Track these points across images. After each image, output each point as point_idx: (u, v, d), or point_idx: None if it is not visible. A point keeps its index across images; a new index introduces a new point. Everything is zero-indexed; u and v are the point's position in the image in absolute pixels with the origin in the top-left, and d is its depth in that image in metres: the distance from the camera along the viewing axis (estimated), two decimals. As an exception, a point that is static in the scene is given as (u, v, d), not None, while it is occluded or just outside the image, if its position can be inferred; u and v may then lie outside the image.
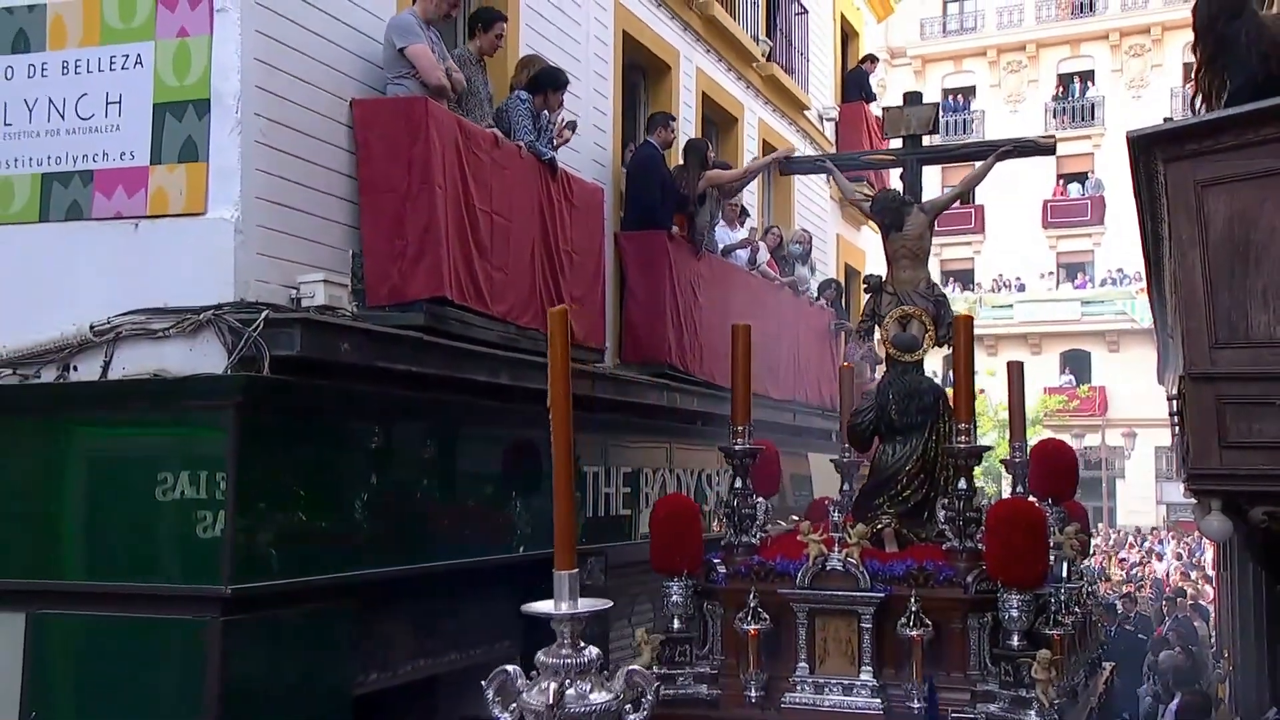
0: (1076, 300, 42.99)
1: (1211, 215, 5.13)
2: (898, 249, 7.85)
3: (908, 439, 7.20)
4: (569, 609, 2.47)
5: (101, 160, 6.36)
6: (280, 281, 6.27)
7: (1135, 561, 27.58)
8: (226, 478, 5.89)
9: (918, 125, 8.55)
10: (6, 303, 6.42)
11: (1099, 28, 44.54)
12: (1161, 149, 5.45)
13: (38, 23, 6.54)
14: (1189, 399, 5.33)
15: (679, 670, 6.40)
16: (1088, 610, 8.08)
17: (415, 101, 6.81)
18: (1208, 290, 5.10)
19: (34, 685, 6.19)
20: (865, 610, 6.11)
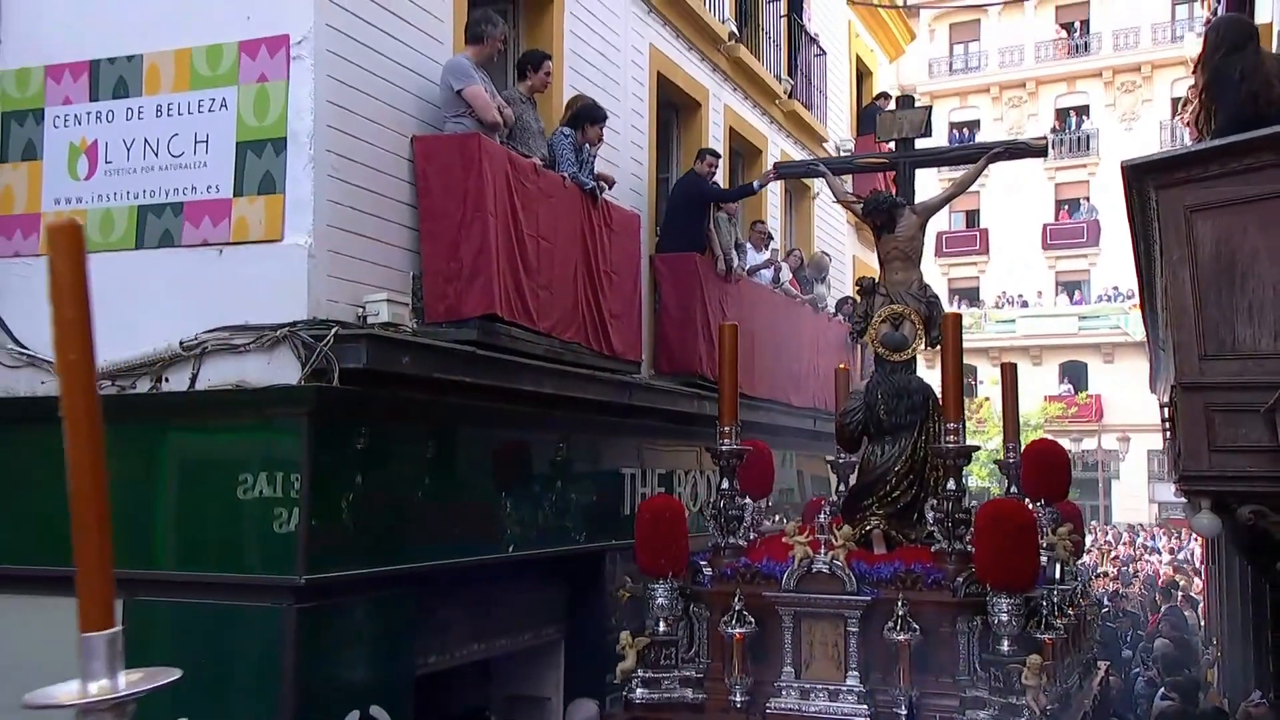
0: (1074, 315, 42.69)
1: (1200, 238, 5.10)
2: (890, 250, 7.36)
3: (896, 439, 6.60)
4: (101, 691, 1.38)
5: (190, 193, 6.42)
6: (348, 301, 6.30)
7: (1128, 557, 27.21)
8: (300, 478, 5.93)
9: (910, 129, 8.03)
10: (106, 322, 6.35)
11: (1093, 66, 44.29)
12: (1154, 177, 5.42)
13: (135, 71, 6.62)
14: (1180, 406, 5.30)
15: (664, 674, 5.91)
16: (1082, 610, 7.42)
17: (470, 138, 6.85)
18: (1197, 306, 5.06)
19: (129, 664, 6.28)
20: (851, 614, 5.57)
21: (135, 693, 1.41)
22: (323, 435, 6.03)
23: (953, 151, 9.11)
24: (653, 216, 9.90)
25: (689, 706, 5.80)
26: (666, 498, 6.39)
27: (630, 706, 5.82)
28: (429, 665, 6.87)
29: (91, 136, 6.71)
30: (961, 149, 8.97)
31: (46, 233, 1.39)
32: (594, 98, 8.44)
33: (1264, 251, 4.93)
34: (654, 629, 6.05)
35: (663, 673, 5.88)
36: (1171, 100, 39.29)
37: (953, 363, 6.10)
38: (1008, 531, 5.33)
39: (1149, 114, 42.56)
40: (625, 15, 9.72)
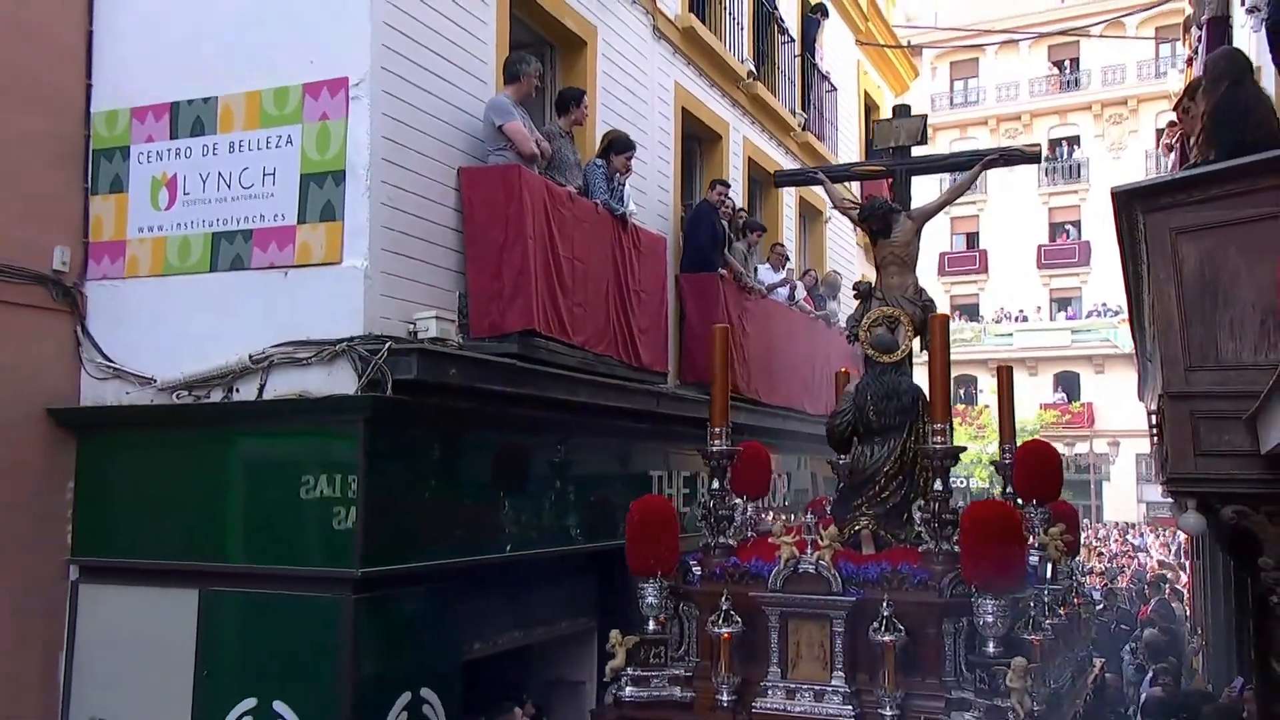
0: (1067, 330, 42.48)
1: (1185, 258, 5.07)
2: (886, 255, 7.00)
3: (886, 440, 6.15)
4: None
5: (259, 221, 6.47)
6: (400, 318, 6.32)
7: (1116, 553, 26.88)
8: (357, 479, 5.96)
9: (906, 137, 7.66)
10: (184, 337, 6.56)
11: (1083, 100, 44.14)
12: (1141, 202, 5.39)
13: (211, 112, 6.69)
14: (1167, 414, 5.25)
15: (654, 672, 5.51)
16: (1075, 609, 6.99)
17: (511, 169, 6.87)
18: (1183, 322, 5.03)
19: (204, 648, 6.30)
20: (837, 614, 5.17)
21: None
22: (377, 440, 6.05)
23: (949, 158, 8.57)
24: (678, 239, 9.90)
25: (678, 705, 5.42)
26: (656, 498, 5.93)
27: (620, 704, 5.47)
28: (474, 652, 6.87)
29: (171, 171, 6.79)
30: (958, 156, 8.57)
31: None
32: (624, 131, 8.46)
33: (1244, 271, 4.89)
34: (644, 627, 5.69)
35: (652, 671, 5.53)
36: (1156, 131, 38.98)
37: (940, 364, 5.65)
38: (992, 532, 4.97)
39: (1135, 144, 42.39)
40: (652, 56, 9.75)
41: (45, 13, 6.86)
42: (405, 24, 6.53)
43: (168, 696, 6.33)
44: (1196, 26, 13.35)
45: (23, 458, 6.55)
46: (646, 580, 5.57)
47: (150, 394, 6.65)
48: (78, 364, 6.88)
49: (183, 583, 6.38)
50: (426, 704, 6.37)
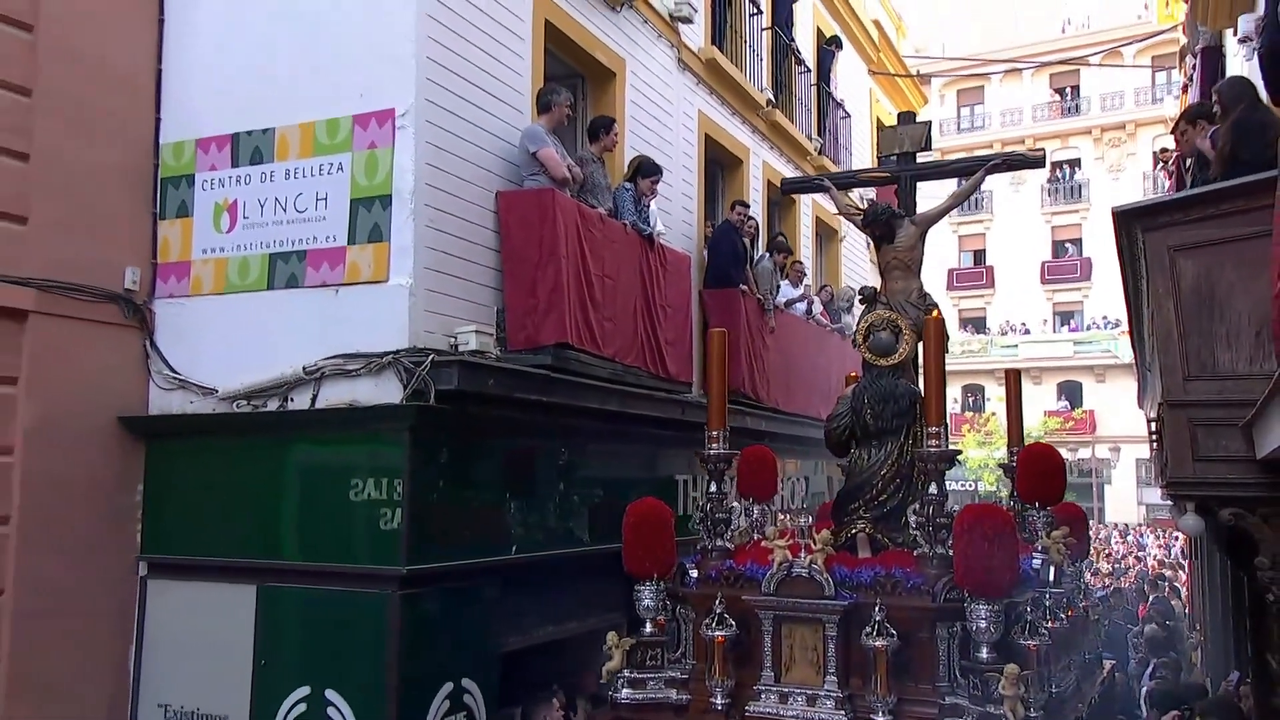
0: (1070, 341, 42.11)
1: (1182, 273, 5.01)
2: (890, 261, 6.64)
3: (883, 443, 5.76)
4: None
5: (312, 242, 6.51)
6: (442, 332, 6.33)
7: (1124, 554, 26.51)
8: (402, 483, 5.98)
9: (910, 143, 7.28)
10: (243, 351, 6.60)
11: (1084, 124, 43.82)
12: (1141, 221, 5.33)
13: (269, 142, 6.74)
14: (1167, 421, 5.19)
15: (650, 674, 5.18)
16: (1080, 612, 6.40)
17: (545, 192, 6.88)
18: (1181, 334, 4.97)
19: (262, 639, 6.33)
20: (830, 618, 4.81)
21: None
22: (421, 446, 6.06)
23: (954, 164, 7.98)
24: (701, 257, 9.89)
25: (673, 707, 5.08)
26: (652, 501, 5.45)
27: (616, 706, 5.16)
28: (510, 645, 6.84)
29: (232, 196, 6.85)
30: (961, 161, 8.06)
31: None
32: (651, 156, 8.46)
33: (1239, 286, 4.82)
34: (640, 630, 5.35)
35: (649, 673, 5.19)
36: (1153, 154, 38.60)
37: (935, 367, 5.24)
38: (985, 536, 4.57)
39: (1133, 166, 42.03)
40: (677, 86, 9.75)
41: (119, 53, 6.94)
42: (447, 59, 6.56)
43: (228, 684, 6.37)
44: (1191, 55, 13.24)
45: (97, 462, 6.62)
46: (643, 582, 5.26)
47: (212, 403, 6.70)
48: (146, 375, 6.94)
49: (242, 579, 6.41)
50: (467, 693, 6.36)
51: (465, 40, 6.74)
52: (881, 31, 17.09)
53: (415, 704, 5.98)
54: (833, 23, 14.76)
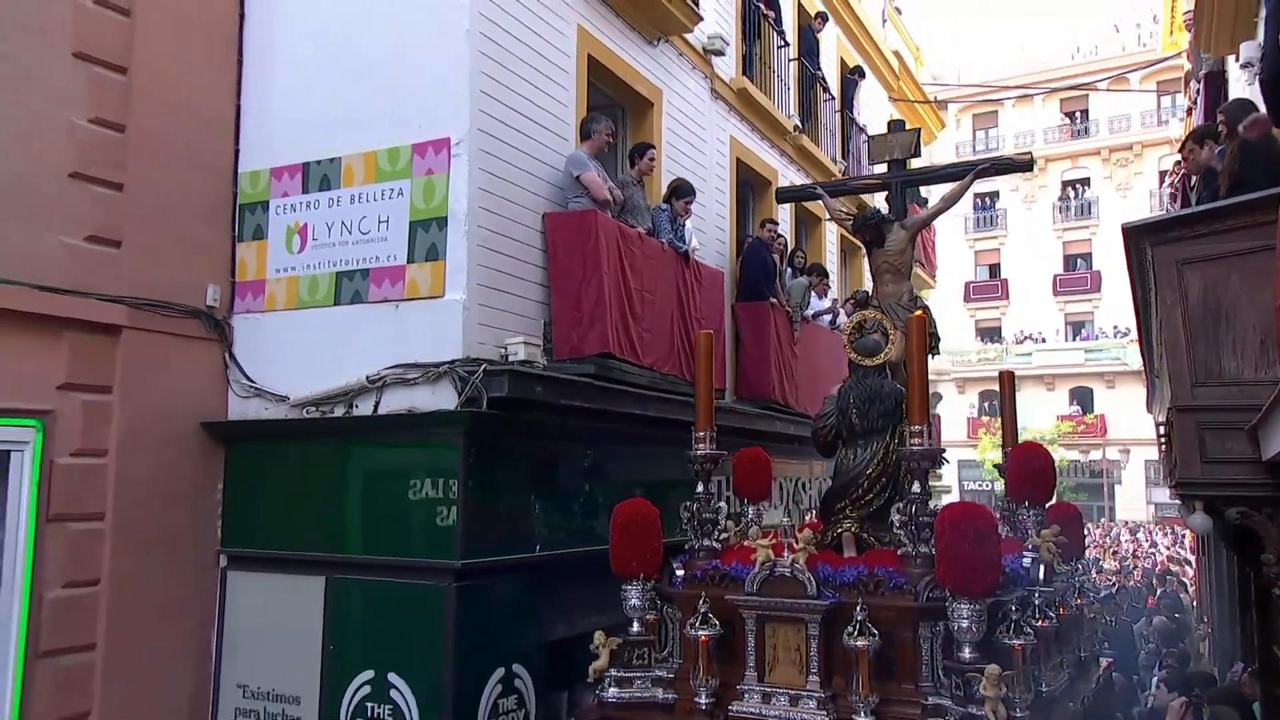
0: (1081, 350, 41.44)
1: (1190, 285, 4.93)
2: (880, 264, 6.35)
3: (869, 443, 5.40)
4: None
5: (375, 261, 6.54)
6: (494, 343, 6.33)
7: (1132, 551, 25.91)
8: (457, 483, 5.99)
9: (900, 150, 7.01)
10: (312, 361, 6.65)
11: (1093, 146, 43.18)
12: (1150, 236, 5.24)
13: (336, 169, 6.80)
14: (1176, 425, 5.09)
15: (637, 673, 4.89)
16: (1073, 610, 5.93)
17: (588, 214, 6.87)
18: (1189, 342, 4.88)
19: (330, 626, 6.36)
20: (812, 618, 4.50)
21: None
22: (474, 449, 6.06)
23: (942, 169, 7.56)
24: (734, 272, 9.84)
25: (659, 707, 4.80)
26: (639, 501, 5.12)
27: (603, 705, 4.89)
28: (557, 633, 6.81)
29: (303, 220, 6.91)
30: (951, 166, 7.63)
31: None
32: (686, 179, 8.44)
33: (1244, 297, 4.73)
34: (628, 629, 5.06)
35: (636, 672, 4.90)
36: (1159, 172, 38.09)
37: (918, 366, 4.84)
38: (965, 535, 4.23)
39: (1140, 184, 41.36)
40: (710, 114, 9.72)
41: (202, 92, 7.04)
42: (498, 91, 6.58)
43: (300, 667, 6.40)
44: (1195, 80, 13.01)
45: (181, 464, 6.69)
46: (630, 582, 4.98)
47: (285, 409, 6.75)
48: (225, 385, 7.00)
49: (312, 570, 6.45)
50: (518, 678, 6.35)
51: (515, 74, 6.76)
52: (901, 61, 16.95)
53: (470, 687, 5.98)
54: (855, 54, 14.66)
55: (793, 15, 12.01)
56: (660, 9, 8.25)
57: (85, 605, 6.10)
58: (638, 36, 8.38)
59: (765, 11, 10.81)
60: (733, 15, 10.27)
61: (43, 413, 5.98)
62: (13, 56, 5.96)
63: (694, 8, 8.64)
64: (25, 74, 6.02)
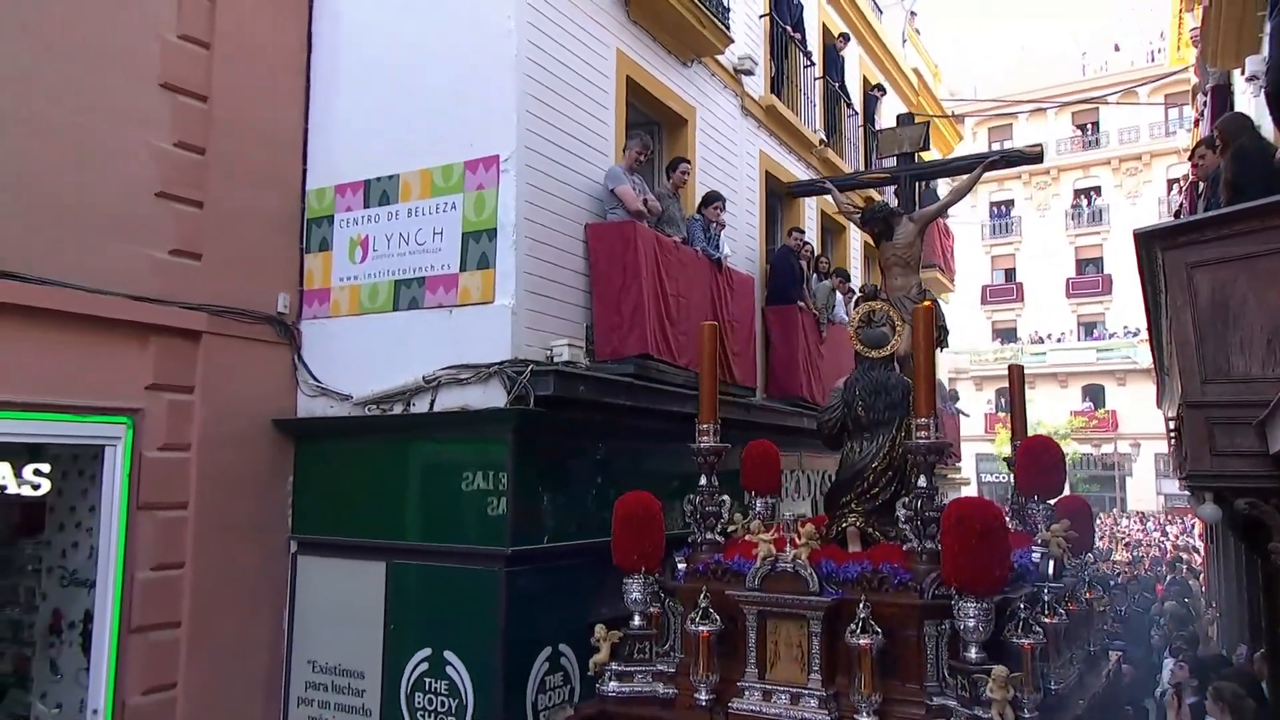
0: (1093, 349, 40.63)
1: (1199, 287, 4.82)
2: (889, 258, 6.01)
3: (875, 436, 4.98)
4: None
5: (430, 270, 6.57)
6: (540, 345, 6.34)
7: (1139, 541, 25.27)
8: (507, 475, 5.99)
9: (910, 144, 6.62)
10: (373, 363, 6.69)
11: (1103, 156, 42.32)
12: (1160, 241, 5.14)
13: (394, 186, 6.84)
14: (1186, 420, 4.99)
15: (637, 667, 4.58)
16: (1084, 605, 5.50)
17: (627, 224, 6.86)
18: (1198, 341, 4.77)
19: (391, 607, 6.40)
20: (814, 615, 4.12)
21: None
22: (522, 444, 6.06)
23: (951, 163, 7.08)
24: (764, 277, 9.78)
25: (660, 701, 4.47)
26: (641, 494, 4.76)
27: (603, 699, 4.58)
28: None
29: (364, 233, 6.95)
30: (960, 159, 7.11)
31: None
32: (719, 190, 8.40)
33: (1252, 298, 4.62)
34: (629, 622, 4.74)
35: (636, 666, 4.57)
36: (1167, 180, 37.32)
37: (924, 357, 4.46)
38: (972, 531, 3.85)
39: (1149, 191, 40.49)
40: (741, 129, 9.66)
41: (273, 117, 7.12)
42: (543, 111, 6.59)
43: (364, 645, 6.45)
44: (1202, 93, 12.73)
45: (255, 458, 6.77)
46: (632, 575, 4.67)
47: (348, 408, 6.80)
48: (294, 385, 7.07)
49: (374, 556, 6.49)
50: (564, 656, 6.34)
51: (559, 95, 6.76)
52: (920, 78, 16.75)
53: (520, 664, 5.98)
54: (877, 71, 14.51)
55: (817, 36, 11.91)
56: (693, 32, 8.22)
57: (171, 586, 6.20)
58: (673, 58, 8.35)
59: (791, 33, 10.73)
60: (761, 37, 10.21)
61: (133, 410, 6.08)
62: (107, 88, 6.07)
63: (725, 30, 8.59)
64: (118, 104, 6.13)
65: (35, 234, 5.64)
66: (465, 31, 6.60)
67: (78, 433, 5.83)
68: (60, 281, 5.68)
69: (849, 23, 13.13)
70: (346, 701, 6.54)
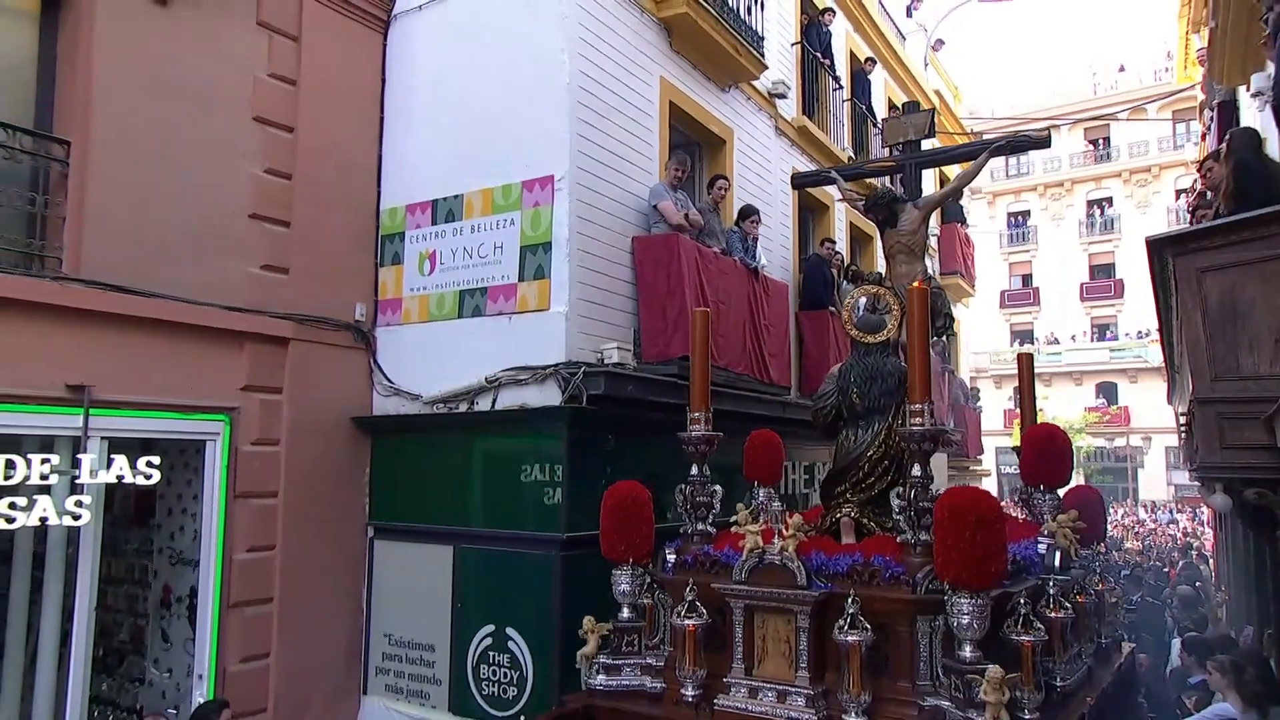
0: (1106, 349, 39.58)
1: (1209, 291, 4.67)
2: (893, 245, 5.40)
3: (870, 423, 4.41)
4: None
5: (491, 281, 6.59)
6: (591, 349, 6.33)
7: (1150, 530, 24.40)
8: (562, 467, 6.00)
9: (915, 131, 5.92)
10: (440, 365, 6.72)
11: (1115, 169, 41.13)
12: (1171, 247, 4.98)
13: (459, 204, 6.88)
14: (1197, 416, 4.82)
15: (626, 660, 4.13)
16: (1093, 597, 4.86)
17: (671, 236, 6.82)
18: (1208, 341, 4.62)
19: (458, 587, 6.44)
20: (801, 609, 3.62)
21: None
22: (576, 439, 6.06)
23: (957, 150, 6.29)
24: (797, 284, 9.67)
25: (647, 696, 3.99)
26: (630, 484, 4.29)
27: (591, 692, 4.14)
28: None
29: (432, 248, 7.00)
30: (965, 146, 6.35)
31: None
32: (756, 204, 8.33)
33: (1259, 300, 4.46)
34: (618, 615, 4.27)
35: (625, 659, 4.11)
36: (1175, 191, 36.26)
37: (919, 340, 3.88)
38: (966, 523, 3.31)
39: (1158, 201, 39.29)
40: (775, 149, 9.57)
41: (351, 145, 7.22)
42: (593, 135, 6.59)
43: (434, 621, 6.50)
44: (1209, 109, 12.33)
45: (336, 451, 6.86)
46: (620, 567, 4.22)
47: (418, 406, 6.84)
48: (370, 386, 7.14)
49: (442, 540, 6.52)
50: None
51: (607, 120, 6.76)
52: (941, 98, 16.46)
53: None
54: (901, 93, 14.28)
55: (845, 61, 11.77)
56: (731, 60, 8.15)
57: (264, 566, 6.30)
58: (712, 84, 8.30)
59: (821, 59, 10.61)
60: (793, 63, 10.10)
61: (230, 409, 6.20)
62: (210, 124, 6.21)
63: (760, 58, 8.52)
64: (218, 137, 6.26)
65: (149, 253, 5.78)
66: (522, 64, 6.62)
67: (183, 429, 5.96)
68: (170, 295, 5.81)
69: (874, 48, 12.96)
70: (419, 671, 6.59)
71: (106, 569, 6.50)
